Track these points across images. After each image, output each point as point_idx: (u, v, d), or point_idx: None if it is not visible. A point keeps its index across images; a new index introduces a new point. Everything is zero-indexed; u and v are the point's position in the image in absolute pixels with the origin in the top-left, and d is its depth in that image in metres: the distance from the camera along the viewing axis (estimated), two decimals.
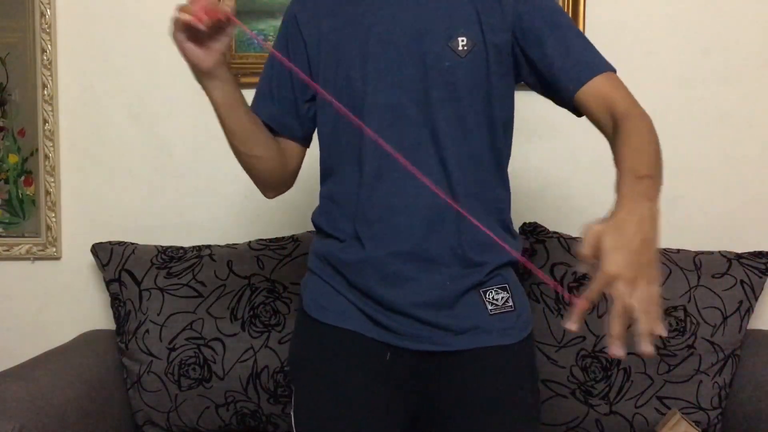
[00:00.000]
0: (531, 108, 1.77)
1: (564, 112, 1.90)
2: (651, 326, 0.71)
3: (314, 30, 1.14)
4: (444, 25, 1.07)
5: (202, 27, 0.99)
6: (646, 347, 0.71)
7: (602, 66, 1.07)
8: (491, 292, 1.11)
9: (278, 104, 1.19)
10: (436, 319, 1.08)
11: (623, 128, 0.98)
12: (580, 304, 0.74)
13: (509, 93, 1.15)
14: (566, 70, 1.06)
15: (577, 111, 1.10)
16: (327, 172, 1.17)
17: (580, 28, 1.72)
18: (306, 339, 1.16)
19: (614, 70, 1.08)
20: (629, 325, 0.72)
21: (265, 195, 1.23)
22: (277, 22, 1.75)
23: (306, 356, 1.15)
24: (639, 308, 0.72)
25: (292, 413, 1.14)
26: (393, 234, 1.08)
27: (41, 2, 1.78)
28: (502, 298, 1.12)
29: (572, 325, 0.75)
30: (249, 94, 1.96)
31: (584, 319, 0.75)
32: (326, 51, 1.13)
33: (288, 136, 1.20)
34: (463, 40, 1.06)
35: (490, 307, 1.10)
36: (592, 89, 1.05)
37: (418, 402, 1.11)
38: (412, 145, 1.07)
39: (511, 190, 1.20)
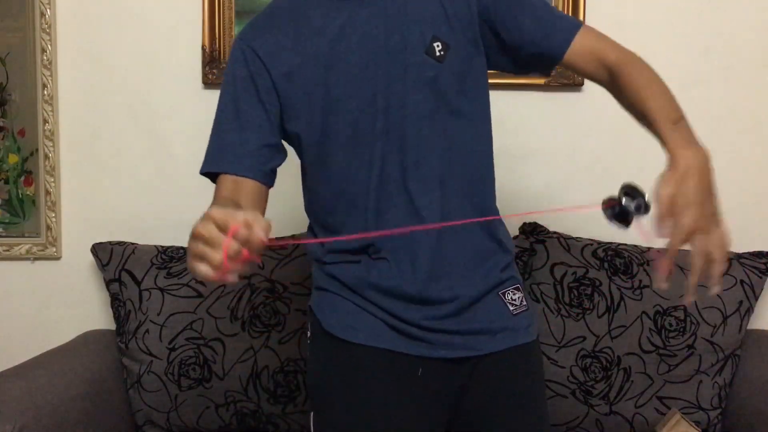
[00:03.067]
0: (531, 108, 1.78)
1: (565, 112, 1.91)
2: (725, 267, 0.83)
3: (281, 64, 1.08)
4: (417, 32, 1.06)
5: (231, 281, 0.78)
6: (717, 289, 0.82)
7: (576, 24, 1.10)
8: (509, 293, 1.15)
9: (258, 154, 1.09)
10: (468, 324, 1.09)
11: (626, 74, 1.04)
12: (665, 264, 0.84)
13: (485, 82, 1.17)
14: (547, 39, 1.08)
15: (549, 71, 1.15)
16: (328, 208, 1.13)
17: None
18: (333, 361, 1.11)
19: (583, 24, 1.11)
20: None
21: None
22: None
23: (335, 379, 1.10)
24: (716, 253, 0.83)
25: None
26: (410, 258, 1.08)
27: (41, 2, 1.78)
28: (519, 298, 1.16)
29: (662, 284, 0.84)
30: None
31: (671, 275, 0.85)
32: (299, 86, 1.07)
33: (268, 184, 1.12)
34: (438, 45, 1.06)
35: (511, 308, 1.13)
36: (578, 48, 1.08)
37: (451, 411, 1.11)
38: (416, 163, 1.07)
39: (511, 191, 1.20)
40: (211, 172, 1.13)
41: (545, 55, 1.09)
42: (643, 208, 0.90)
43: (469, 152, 1.11)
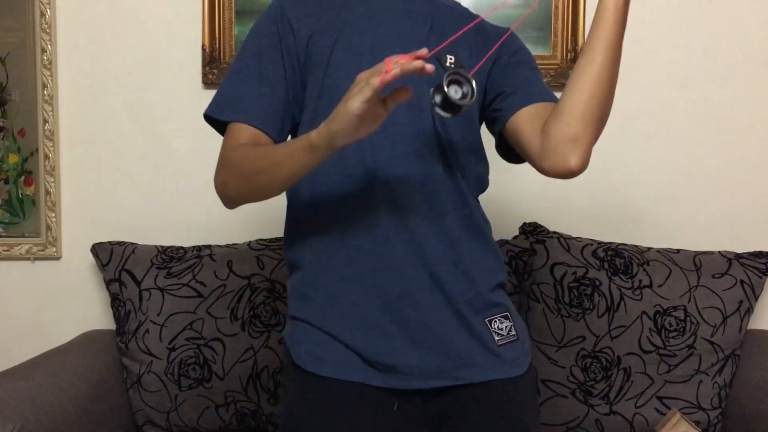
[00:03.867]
0: None
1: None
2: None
3: (305, 31, 1.08)
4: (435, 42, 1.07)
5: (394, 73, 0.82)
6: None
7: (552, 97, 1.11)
8: (495, 321, 1.09)
9: (278, 104, 1.09)
10: (445, 351, 1.04)
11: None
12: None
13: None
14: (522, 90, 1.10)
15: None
16: (313, 216, 1.09)
17: (580, 28, 1.72)
18: (303, 397, 1.03)
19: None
20: None
21: (235, 206, 1.10)
22: None
23: (306, 418, 1.02)
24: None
25: None
26: (390, 276, 1.04)
27: (41, 2, 1.78)
28: (506, 327, 1.10)
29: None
30: None
31: None
32: (314, 51, 1.07)
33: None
34: (451, 58, 1.05)
35: (497, 338, 1.08)
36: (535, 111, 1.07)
37: None
38: (428, 177, 1.05)
39: (512, 190, 1.19)
40: (220, 119, 1.09)
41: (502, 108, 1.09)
42: (470, 96, 0.86)
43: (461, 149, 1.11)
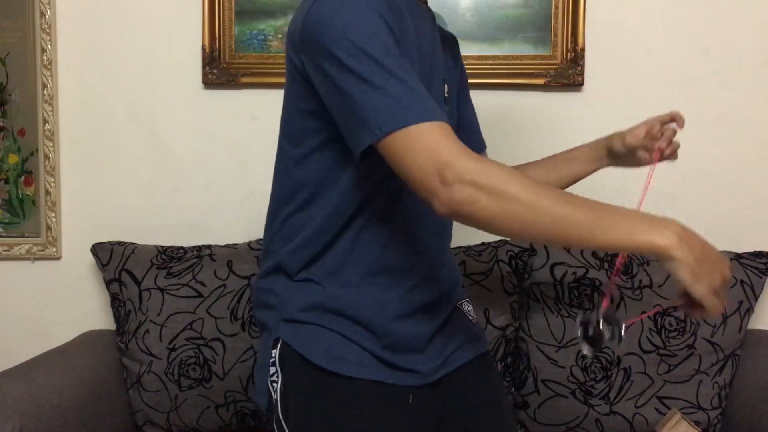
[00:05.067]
0: (531, 108, 1.78)
1: (565, 113, 1.90)
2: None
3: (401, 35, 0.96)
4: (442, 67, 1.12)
5: None
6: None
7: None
8: (465, 304, 1.19)
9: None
10: (444, 342, 1.10)
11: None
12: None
13: None
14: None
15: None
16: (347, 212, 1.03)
17: (580, 28, 1.72)
18: (322, 395, 1.01)
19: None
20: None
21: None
22: (277, 22, 1.77)
23: (326, 415, 1.00)
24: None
25: None
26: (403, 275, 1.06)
27: (41, 2, 1.78)
28: (471, 309, 1.21)
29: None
30: (250, 94, 1.96)
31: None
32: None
33: None
34: (446, 87, 1.11)
35: (470, 318, 1.18)
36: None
37: (438, 427, 1.09)
38: None
39: None
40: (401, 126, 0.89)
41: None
42: (617, 338, 0.90)
43: None
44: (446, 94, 1.09)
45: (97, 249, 1.69)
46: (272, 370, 1.04)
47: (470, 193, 0.83)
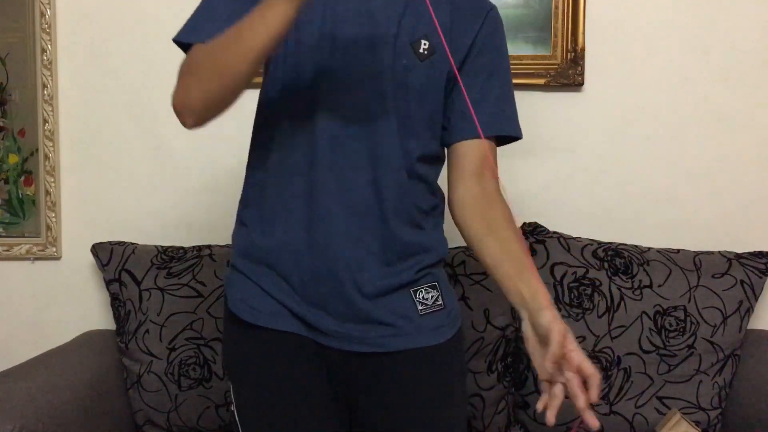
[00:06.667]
0: (531, 108, 1.78)
1: (565, 112, 1.90)
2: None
3: None
4: (412, 22, 1.06)
5: None
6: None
7: (517, 130, 1.18)
8: (421, 291, 1.10)
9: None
10: (366, 319, 1.07)
11: (507, 224, 1.11)
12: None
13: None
14: (480, 114, 1.07)
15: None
16: (261, 157, 1.11)
17: (580, 28, 1.72)
18: (240, 343, 1.11)
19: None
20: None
21: (198, 121, 1.06)
22: None
23: (242, 362, 1.10)
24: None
25: (234, 410, 1.11)
26: (321, 228, 1.05)
27: (41, 2, 1.78)
28: (432, 297, 1.10)
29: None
30: (250, 94, 1.95)
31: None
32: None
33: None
34: (425, 44, 1.06)
35: (420, 307, 1.09)
36: (482, 147, 1.11)
37: (352, 399, 1.10)
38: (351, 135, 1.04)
39: (512, 191, 1.20)
40: (187, 42, 1.06)
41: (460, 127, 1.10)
42: None
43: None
44: (422, 50, 1.05)
45: (97, 249, 1.69)
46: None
47: (185, 83, 1.04)
